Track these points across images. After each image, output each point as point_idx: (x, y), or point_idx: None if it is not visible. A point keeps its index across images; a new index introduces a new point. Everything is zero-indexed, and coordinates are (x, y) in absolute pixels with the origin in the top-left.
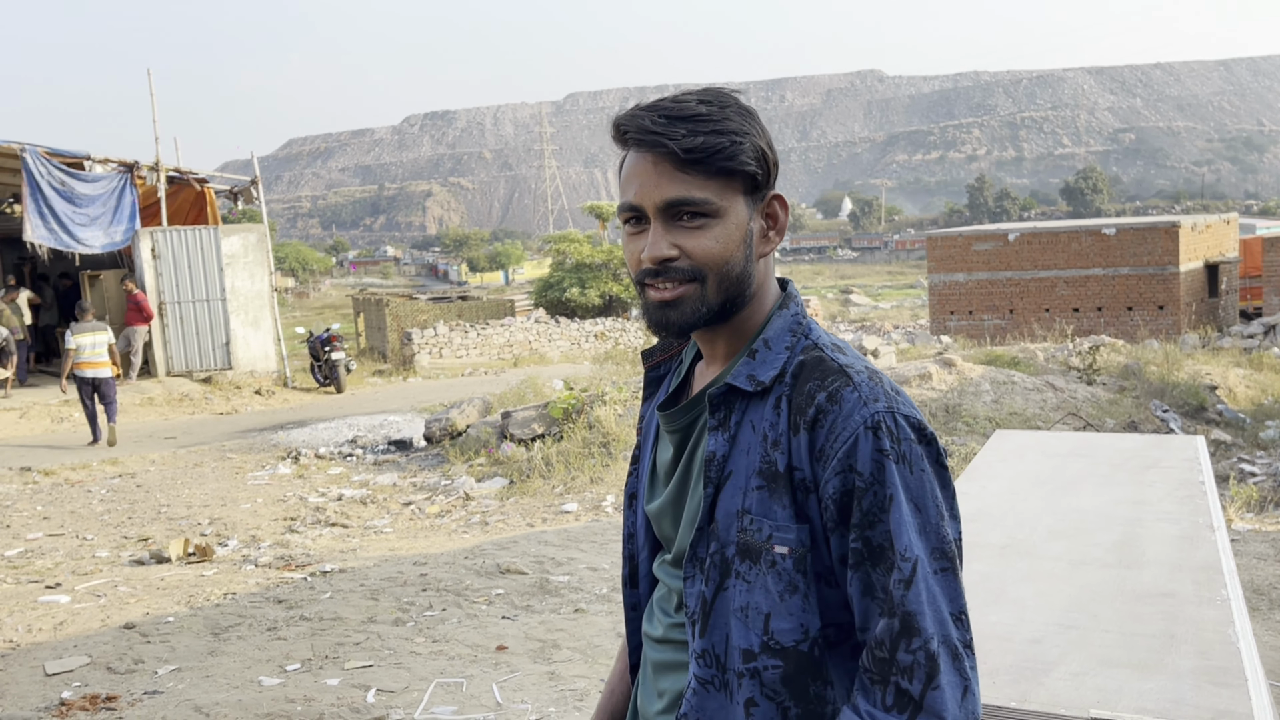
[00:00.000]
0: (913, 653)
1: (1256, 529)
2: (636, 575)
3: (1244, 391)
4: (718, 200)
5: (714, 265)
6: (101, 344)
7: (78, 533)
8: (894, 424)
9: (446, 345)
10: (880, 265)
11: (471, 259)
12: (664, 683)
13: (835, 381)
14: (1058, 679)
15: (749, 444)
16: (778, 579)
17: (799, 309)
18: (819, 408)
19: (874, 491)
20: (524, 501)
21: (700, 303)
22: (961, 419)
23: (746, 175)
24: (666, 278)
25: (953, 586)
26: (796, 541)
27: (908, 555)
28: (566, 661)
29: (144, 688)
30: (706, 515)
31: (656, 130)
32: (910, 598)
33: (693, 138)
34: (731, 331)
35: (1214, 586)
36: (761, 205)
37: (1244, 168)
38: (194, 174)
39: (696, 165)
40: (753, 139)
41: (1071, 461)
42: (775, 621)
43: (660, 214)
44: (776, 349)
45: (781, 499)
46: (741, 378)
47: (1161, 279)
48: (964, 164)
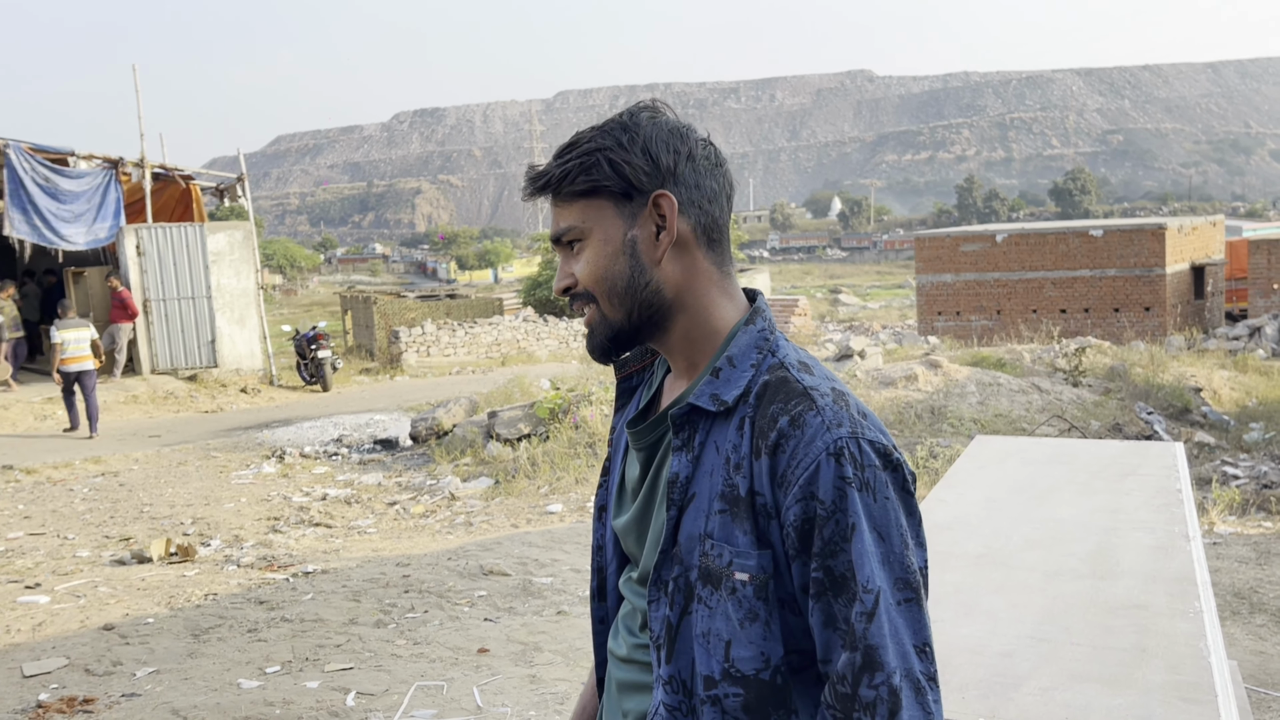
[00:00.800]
0: (875, 688)
1: (1238, 532)
2: (605, 588)
3: (1228, 393)
4: (581, 223)
5: (594, 285)
6: (84, 340)
7: (59, 532)
8: (857, 450)
9: (434, 344)
10: (869, 265)
11: (460, 257)
12: (628, 703)
13: (798, 405)
14: (1027, 694)
15: (712, 465)
16: (738, 606)
17: (766, 324)
18: (781, 432)
19: (836, 520)
20: (509, 502)
21: (604, 324)
22: (947, 420)
23: (605, 190)
24: (574, 304)
25: (916, 618)
26: (757, 568)
27: (870, 587)
28: (548, 664)
29: (122, 690)
30: (670, 538)
31: (537, 172)
32: (873, 631)
33: (550, 171)
34: (680, 341)
35: (1187, 599)
36: (645, 210)
37: (1231, 170)
38: (180, 170)
39: (562, 195)
40: (609, 152)
41: (1051, 468)
42: (735, 649)
43: (556, 248)
44: (741, 367)
45: (743, 524)
46: (704, 397)
47: (1148, 281)
48: (953, 164)
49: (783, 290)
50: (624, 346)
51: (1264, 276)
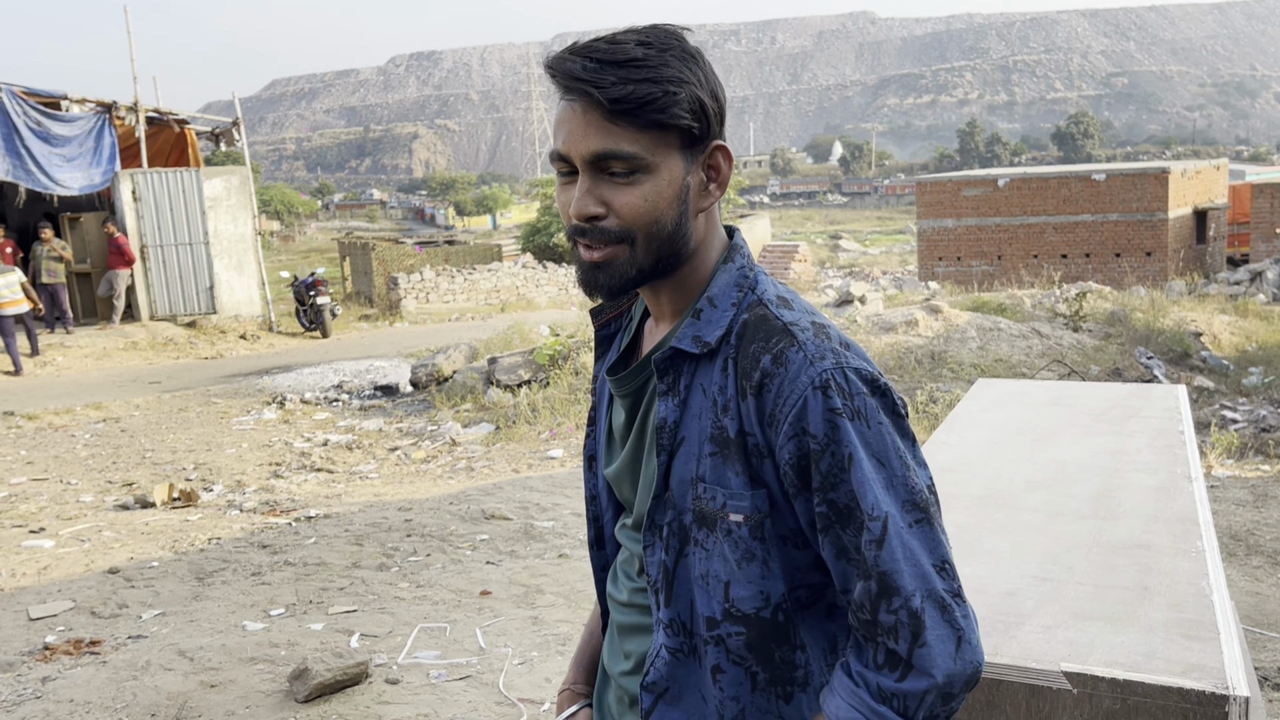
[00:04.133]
0: (894, 613)
1: (1236, 475)
2: (603, 537)
3: (1228, 338)
4: (648, 155)
5: (643, 225)
6: (14, 283)
7: (62, 477)
8: (844, 380)
9: (433, 290)
10: (870, 210)
11: (458, 203)
12: (629, 645)
13: (780, 342)
14: (1030, 632)
15: (700, 408)
16: (734, 547)
17: (745, 260)
18: (764, 371)
19: (831, 452)
20: (509, 447)
21: (630, 265)
22: (947, 366)
23: (681, 128)
24: (594, 237)
25: (931, 537)
26: (751, 508)
27: (875, 514)
28: (549, 606)
29: (128, 632)
30: (661, 483)
31: (583, 78)
32: (884, 557)
33: (622, 86)
34: (674, 288)
35: (1189, 538)
36: (702, 157)
37: (1235, 113)
38: (174, 115)
39: (626, 116)
40: (691, 88)
41: (1052, 411)
42: (735, 589)
43: (588, 167)
44: (722, 307)
45: (735, 465)
46: (686, 340)
47: (1150, 225)
48: (955, 108)
49: (783, 236)
50: (635, 288)
51: (1266, 221)
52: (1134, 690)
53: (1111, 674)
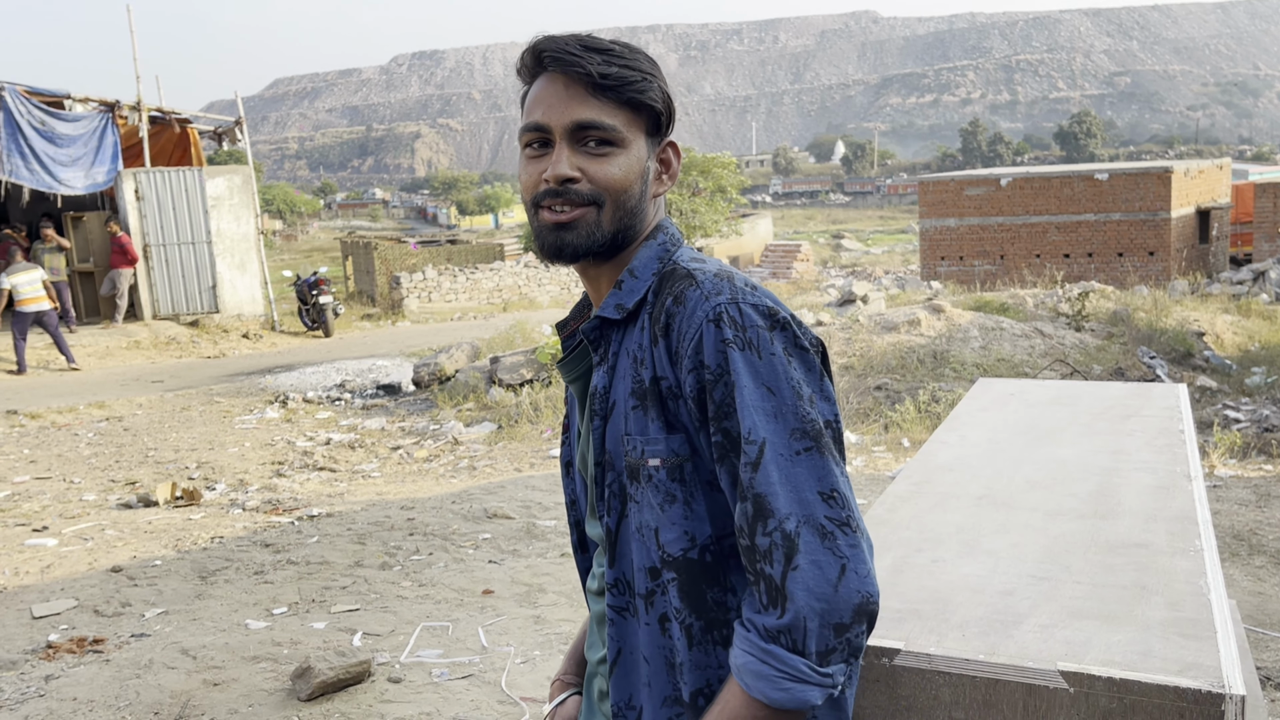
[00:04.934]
0: (769, 535)
1: (1239, 475)
2: (585, 540)
3: (1231, 338)
4: (623, 129)
5: (614, 191)
6: (36, 281)
7: (65, 476)
8: (737, 313)
9: (435, 289)
10: (872, 210)
11: (461, 202)
12: (605, 633)
13: (680, 284)
14: (1027, 631)
15: (624, 370)
16: (655, 491)
17: (667, 238)
18: (668, 312)
19: (724, 382)
20: (512, 446)
21: (595, 227)
22: (949, 365)
23: (652, 112)
24: (565, 199)
25: (819, 465)
26: (666, 451)
27: (752, 438)
28: (552, 605)
29: (131, 630)
30: (599, 447)
31: (576, 53)
32: (759, 480)
33: (607, 66)
34: (613, 269)
35: (1188, 537)
36: (658, 149)
37: (1238, 112)
38: (177, 114)
39: (608, 92)
40: (658, 82)
41: (1053, 410)
42: (663, 534)
43: (568, 135)
44: (643, 276)
45: (652, 413)
46: (609, 308)
47: (1153, 225)
48: (958, 107)
49: (785, 236)
50: (593, 256)
51: (1269, 220)
52: (1130, 689)
53: (1108, 673)
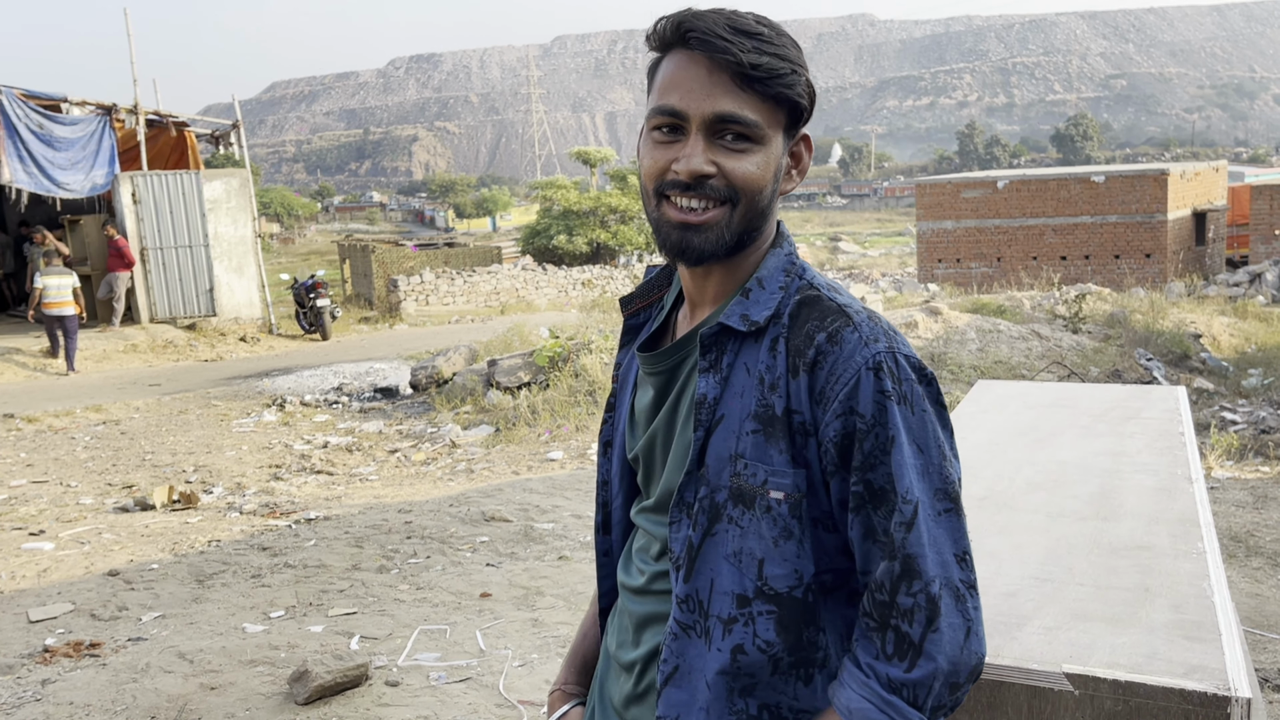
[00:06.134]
0: (913, 595)
1: (1236, 477)
2: (610, 522)
3: (1228, 340)
4: (765, 125)
5: (749, 191)
6: (66, 286)
7: (62, 480)
8: (895, 364)
9: (433, 292)
10: (869, 212)
11: (458, 205)
12: (646, 633)
13: (835, 322)
14: (1031, 633)
15: (743, 386)
16: (772, 524)
17: (792, 248)
18: (819, 349)
19: (876, 433)
20: (509, 449)
21: (726, 229)
22: (947, 367)
23: (794, 108)
24: (699, 195)
25: (956, 527)
26: (793, 486)
27: (909, 498)
28: (550, 608)
29: (128, 634)
30: (696, 459)
31: (726, 37)
32: (911, 540)
33: (758, 55)
34: (726, 271)
35: (1190, 539)
36: (792, 143)
37: (1234, 114)
38: (174, 117)
39: (755, 84)
40: (805, 74)
41: (1053, 412)
42: (769, 567)
43: (706, 126)
44: (770, 288)
45: (778, 443)
46: (735, 317)
47: (1149, 227)
48: (954, 110)
49: None
50: (723, 258)
51: (1265, 222)
52: (1135, 691)
53: (1113, 675)
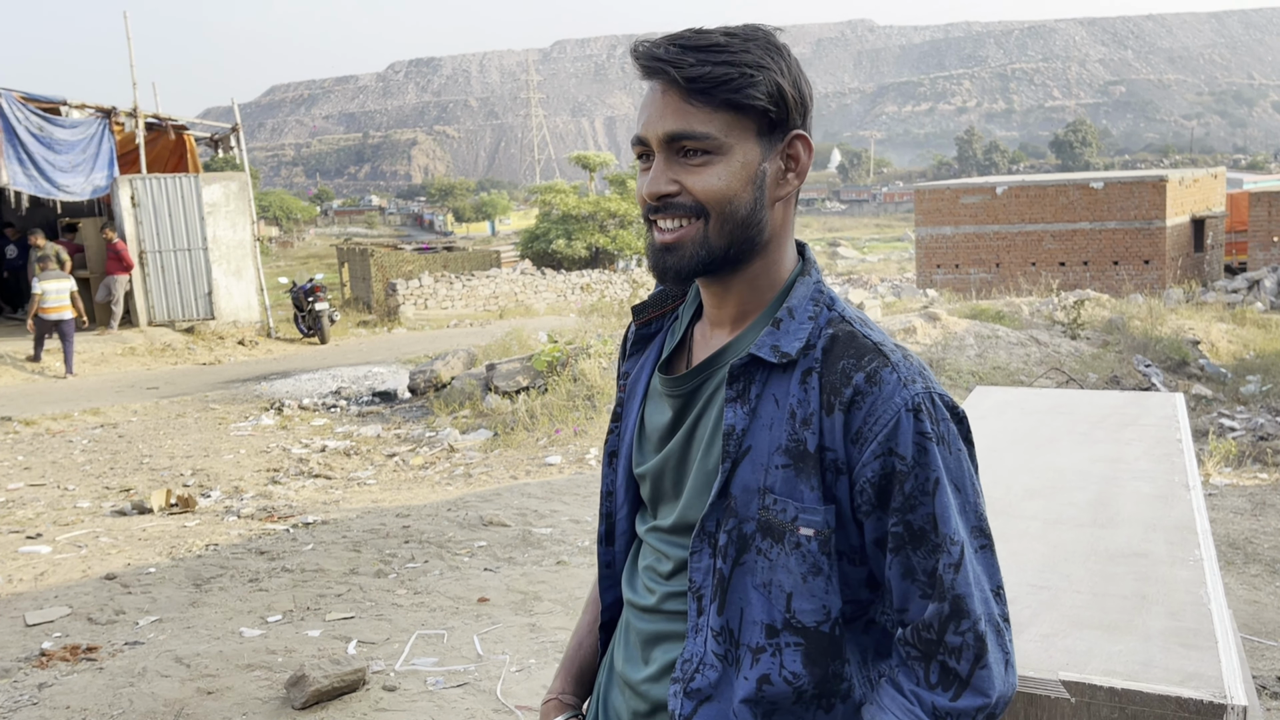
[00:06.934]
0: (961, 634)
1: (1234, 483)
2: (614, 533)
3: (1226, 346)
4: (722, 136)
5: (715, 203)
6: (64, 290)
7: (59, 483)
8: (932, 405)
9: (431, 296)
10: (868, 218)
11: (457, 209)
12: (655, 652)
13: (873, 361)
14: (1028, 641)
15: (771, 419)
16: (801, 560)
17: (819, 276)
18: (857, 389)
19: (916, 475)
20: (508, 454)
21: (701, 245)
22: (945, 373)
23: (757, 111)
24: (667, 214)
25: (991, 563)
26: (823, 523)
27: (955, 539)
28: (548, 613)
29: (125, 638)
30: (721, 490)
31: (663, 58)
32: (960, 581)
33: (699, 67)
34: (745, 287)
35: (1187, 546)
36: (780, 146)
37: (1233, 121)
38: (173, 120)
39: (701, 96)
40: (770, 74)
41: (1051, 419)
42: (797, 602)
43: (663, 147)
44: (800, 319)
45: (809, 479)
46: (765, 349)
47: (1148, 233)
48: (953, 116)
49: None
50: (705, 274)
51: (1264, 229)
52: (1132, 699)
53: (1109, 683)
